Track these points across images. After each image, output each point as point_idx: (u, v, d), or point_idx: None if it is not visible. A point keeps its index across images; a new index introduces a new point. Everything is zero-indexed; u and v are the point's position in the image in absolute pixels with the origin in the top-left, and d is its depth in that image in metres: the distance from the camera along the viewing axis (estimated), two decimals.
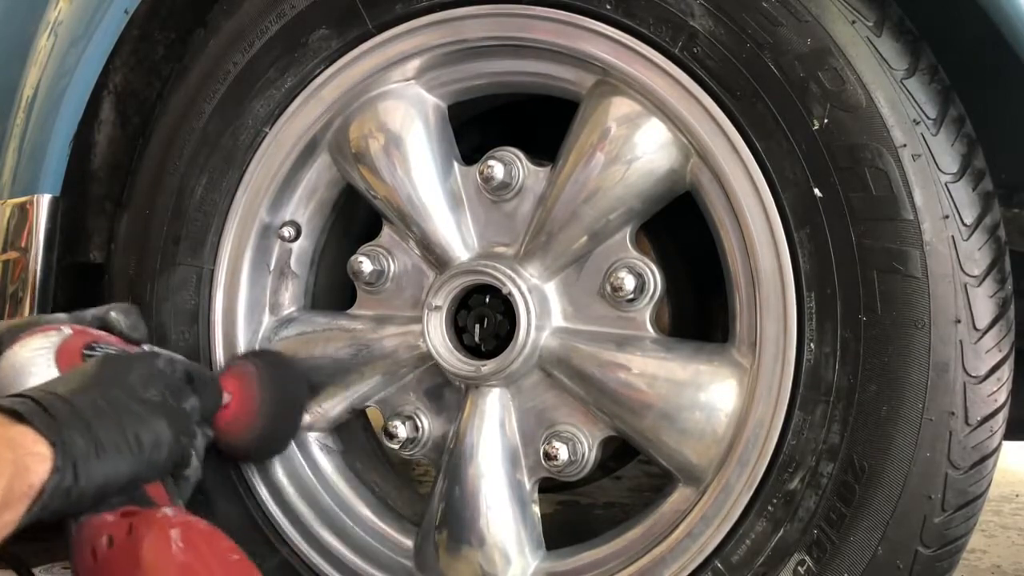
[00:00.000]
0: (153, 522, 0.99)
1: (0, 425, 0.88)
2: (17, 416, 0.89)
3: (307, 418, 1.40)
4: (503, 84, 1.32)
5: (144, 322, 1.22)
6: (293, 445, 1.40)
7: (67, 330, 1.13)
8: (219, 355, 1.40)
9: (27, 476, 0.86)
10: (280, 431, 1.30)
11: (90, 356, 1.10)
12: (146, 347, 1.22)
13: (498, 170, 1.27)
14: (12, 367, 1.08)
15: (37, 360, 1.08)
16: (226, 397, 1.23)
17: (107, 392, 0.98)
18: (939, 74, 1.08)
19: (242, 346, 1.41)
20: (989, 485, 1.08)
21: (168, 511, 1.02)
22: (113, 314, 1.20)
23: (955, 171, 1.05)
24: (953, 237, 1.03)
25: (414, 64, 1.31)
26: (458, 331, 1.31)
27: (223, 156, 1.40)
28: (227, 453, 1.31)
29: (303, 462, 1.40)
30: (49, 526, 0.99)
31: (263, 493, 1.38)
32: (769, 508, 1.10)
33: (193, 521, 1.03)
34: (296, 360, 1.38)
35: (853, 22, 1.06)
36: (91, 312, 1.21)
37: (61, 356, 1.09)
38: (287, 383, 1.30)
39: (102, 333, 1.17)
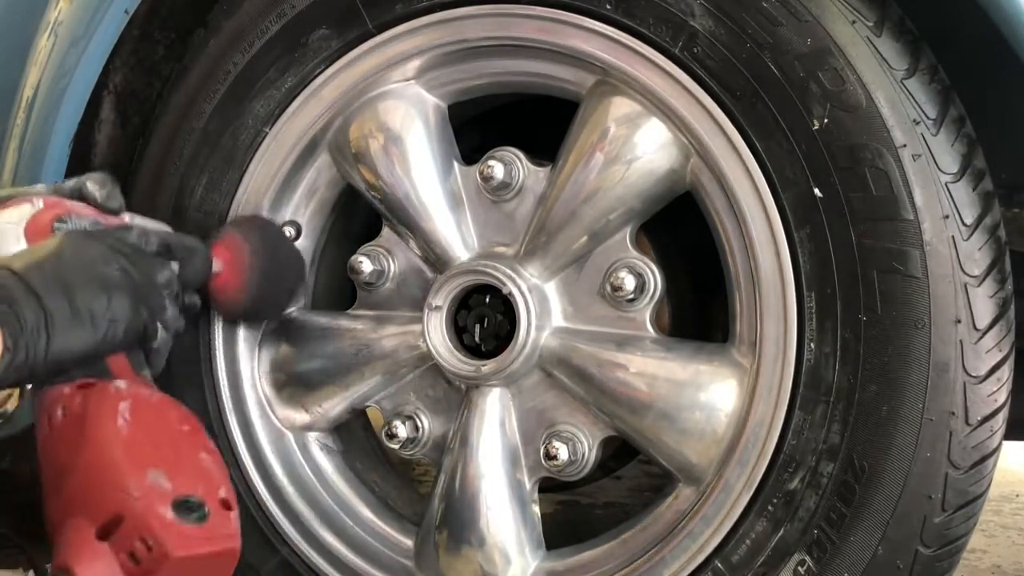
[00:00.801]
0: (104, 395, 1.00)
1: None
2: None
3: (307, 418, 1.40)
4: (503, 84, 1.32)
5: (119, 190, 1.20)
6: (294, 445, 1.40)
7: (39, 202, 1.12)
8: (220, 355, 1.40)
9: None
10: (271, 296, 1.30)
11: (59, 229, 1.10)
12: (126, 217, 1.20)
13: (498, 170, 1.27)
14: None
15: (6, 233, 1.08)
16: (217, 265, 1.23)
17: (63, 267, 0.98)
18: (939, 74, 1.08)
19: (243, 345, 1.41)
20: (989, 485, 1.08)
21: (121, 384, 1.02)
22: (89, 184, 1.18)
23: (955, 171, 1.05)
24: (953, 237, 1.03)
25: (414, 64, 1.31)
26: (458, 331, 1.31)
27: (223, 156, 1.40)
28: (222, 315, 1.34)
29: (303, 462, 1.40)
30: None
31: (263, 493, 1.38)
32: (769, 508, 1.10)
33: (145, 394, 1.03)
34: (298, 349, 1.39)
35: (853, 22, 1.06)
36: (69, 184, 1.19)
37: (30, 229, 1.09)
38: (278, 248, 1.31)
39: (76, 204, 1.15)
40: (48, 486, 1.00)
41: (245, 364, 1.42)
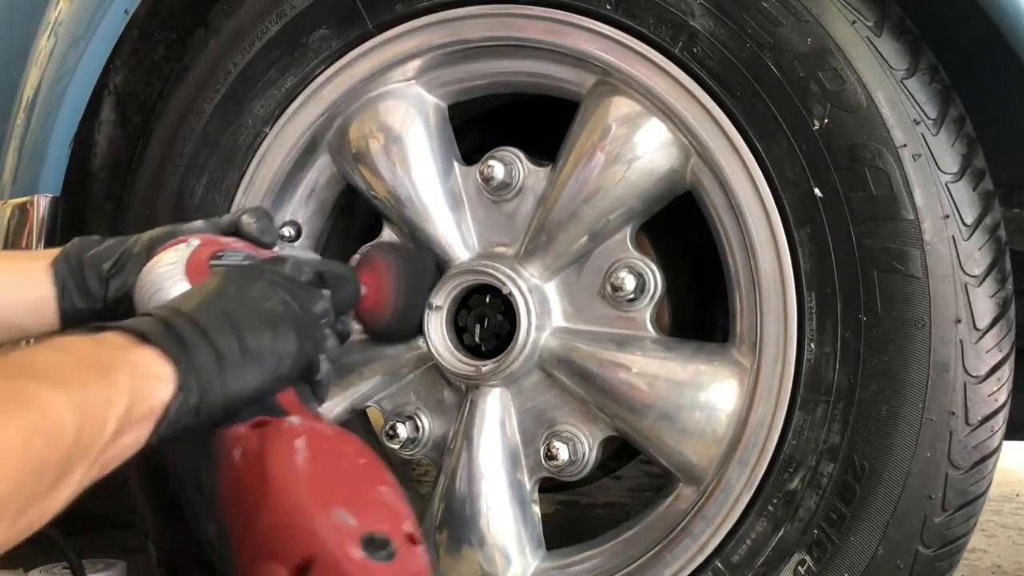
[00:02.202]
0: (279, 432, 0.97)
1: (123, 348, 0.88)
2: (141, 337, 0.90)
3: None
4: (503, 84, 1.32)
5: (273, 224, 1.22)
6: None
7: (195, 241, 1.13)
8: None
9: (149, 399, 0.86)
10: (413, 312, 1.30)
11: (216, 266, 1.11)
12: (277, 249, 1.22)
13: (498, 170, 1.27)
14: (147, 285, 1.10)
15: (168, 275, 1.10)
16: (363, 289, 1.24)
17: (229, 306, 0.98)
18: (939, 74, 1.08)
19: None
20: (989, 485, 1.08)
21: (294, 420, 0.99)
22: (244, 218, 1.20)
23: (955, 171, 1.05)
24: (953, 237, 1.03)
25: (414, 64, 1.31)
26: (458, 331, 1.31)
27: (223, 156, 1.40)
28: (370, 334, 1.33)
29: None
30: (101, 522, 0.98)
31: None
32: (769, 508, 1.10)
33: (319, 428, 1.01)
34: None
35: (853, 22, 1.06)
36: (226, 218, 1.22)
37: (190, 269, 1.10)
38: (416, 268, 1.31)
39: (230, 240, 1.17)
40: (235, 531, 0.97)
41: None
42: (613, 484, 2.60)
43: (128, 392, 0.84)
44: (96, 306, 1.16)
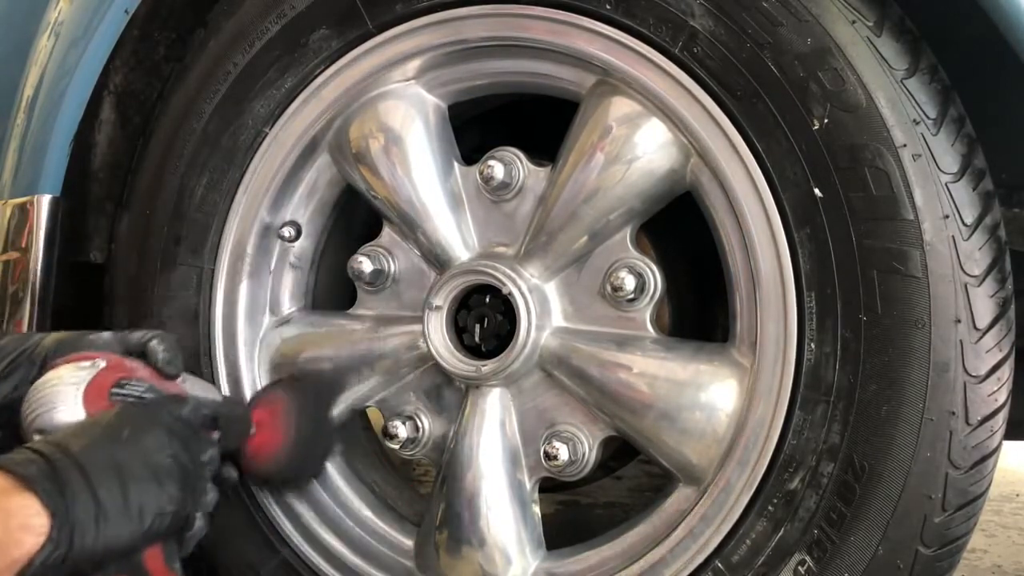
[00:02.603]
0: None
1: (4, 493, 0.87)
2: (23, 481, 0.88)
3: None
4: (503, 84, 1.32)
5: (180, 355, 1.19)
6: None
7: (101, 362, 1.11)
8: (220, 356, 1.40)
9: (13, 550, 0.85)
10: (305, 460, 1.28)
11: (117, 395, 1.09)
12: (181, 381, 1.19)
13: (498, 170, 1.27)
14: (42, 397, 1.08)
15: (65, 394, 1.07)
16: (252, 429, 1.22)
17: (119, 454, 0.96)
18: (939, 74, 1.08)
19: (243, 347, 1.41)
20: (989, 485, 1.08)
21: None
22: (153, 344, 1.17)
23: (955, 171, 1.05)
24: (953, 237, 1.03)
25: (414, 64, 1.31)
26: (458, 331, 1.31)
27: (223, 156, 1.40)
28: (253, 480, 1.29)
29: None
30: None
31: (263, 493, 1.38)
32: (769, 508, 1.10)
33: None
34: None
35: (853, 22, 1.06)
36: (135, 336, 1.19)
37: (89, 393, 1.07)
38: (316, 412, 1.28)
39: (136, 365, 1.14)
40: None
41: (245, 365, 1.41)
42: (613, 484, 2.60)
43: None
44: None
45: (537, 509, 1.31)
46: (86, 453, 0.94)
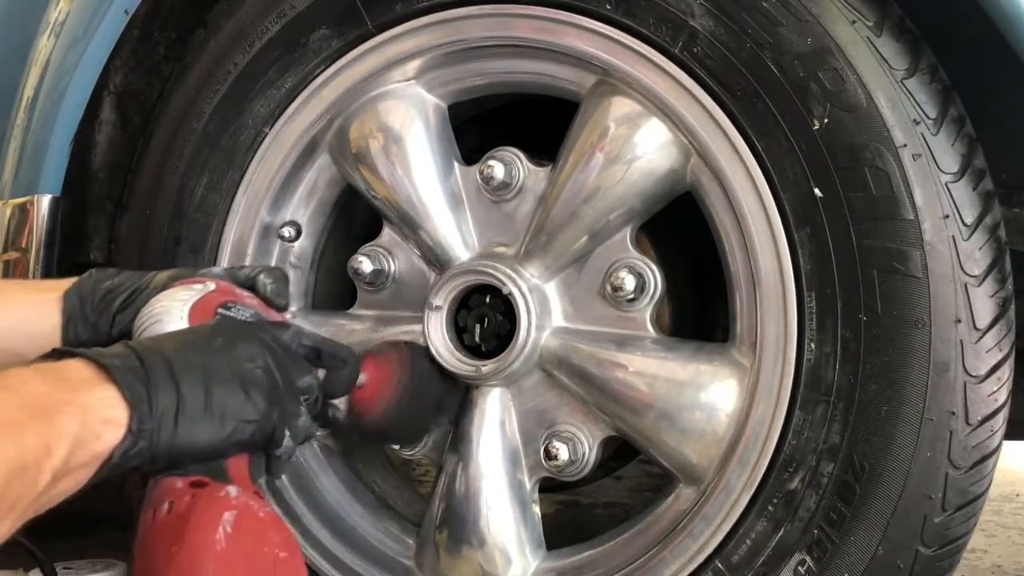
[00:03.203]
0: (212, 500, 0.95)
1: (79, 386, 0.87)
2: (105, 371, 0.88)
3: None
4: (503, 84, 1.32)
5: (288, 289, 1.19)
6: None
7: (211, 285, 1.11)
8: None
9: (93, 445, 0.85)
10: (412, 420, 1.26)
11: (221, 315, 1.08)
12: (287, 315, 1.19)
13: (498, 170, 1.27)
14: (150, 314, 1.08)
15: (172, 310, 1.08)
16: (362, 378, 1.19)
17: (208, 357, 0.96)
18: (939, 74, 1.08)
19: None
20: (989, 485, 1.08)
21: (232, 491, 0.97)
22: (262, 277, 1.17)
23: (955, 171, 1.05)
24: (953, 237, 1.03)
25: (414, 64, 1.31)
26: (458, 331, 1.31)
27: (223, 156, 1.40)
28: (358, 431, 1.27)
29: (303, 462, 1.40)
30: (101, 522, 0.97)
31: (263, 493, 1.38)
32: (769, 508, 1.10)
33: (253, 507, 0.98)
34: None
35: (853, 22, 1.06)
36: (244, 271, 1.19)
37: (195, 311, 1.08)
38: (426, 376, 1.27)
39: (245, 294, 1.14)
40: None
41: None
42: (613, 484, 2.60)
43: (71, 439, 0.82)
44: (100, 339, 1.14)
45: (537, 509, 1.31)
46: (176, 352, 0.94)
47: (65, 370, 0.88)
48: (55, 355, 0.91)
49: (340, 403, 1.18)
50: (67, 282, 1.19)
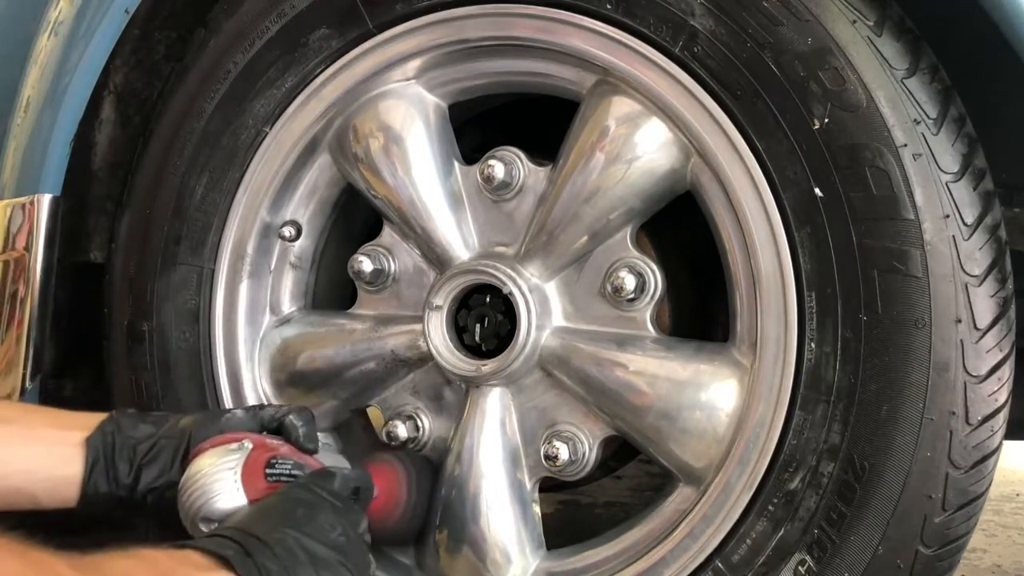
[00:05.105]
0: None
1: (203, 570, 0.89)
2: (224, 562, 0.90)
3: None
4: (504, 84, 1.32)
5: (315, 428, 1.20)
6: None
7: (248, 444, 1.12)
8: (220, 356, 1.40)
9: None
10: (417, 518, 1.29)
11: (271, 476, 1.10)
12: (320, 458, 1.20)
13: (499, 170, 1.27)
14: (201, 487, 1.09)
15: (224, 480, 1.08)
16: (375, 491, 1.23)
17: (301, 537, 0.98)
18: (940, 74, 1.08)
19: (243, 346, 1.41)
20: (990, 485, 1.08)
21: None
22: (291, 419, 1.18)
23: (956, 171, 1.05)
24: (954, 237, 1.03)
25: (415, 64, 1.31)
26: (459, 331, 1.31)
27: (223, 156, 1.40)
28: (375, 540, 1.29)
29: None
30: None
31: None
32: (770, 508, 1.10)
33: None
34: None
35: (854, 22, 1.06)
36: (268, 411, 1.20)
37: (246, 476, 1.09)
38: (421, 477, 1.29)
39: (278, 444, 1.16)
40: None
41: (245, 365, 1.42)
42: (613, 484, 2.60)
43: None
44: (119, 493, 1.14)
45: (537, 509, 1.31)
46: (272, 536, 0.96)
47: (187, 555, 0.90)
48: (174, 546, 0.92)
49: None
50: (90, 420, 1.18)
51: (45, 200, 1.44)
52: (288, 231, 1.42)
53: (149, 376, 1.43)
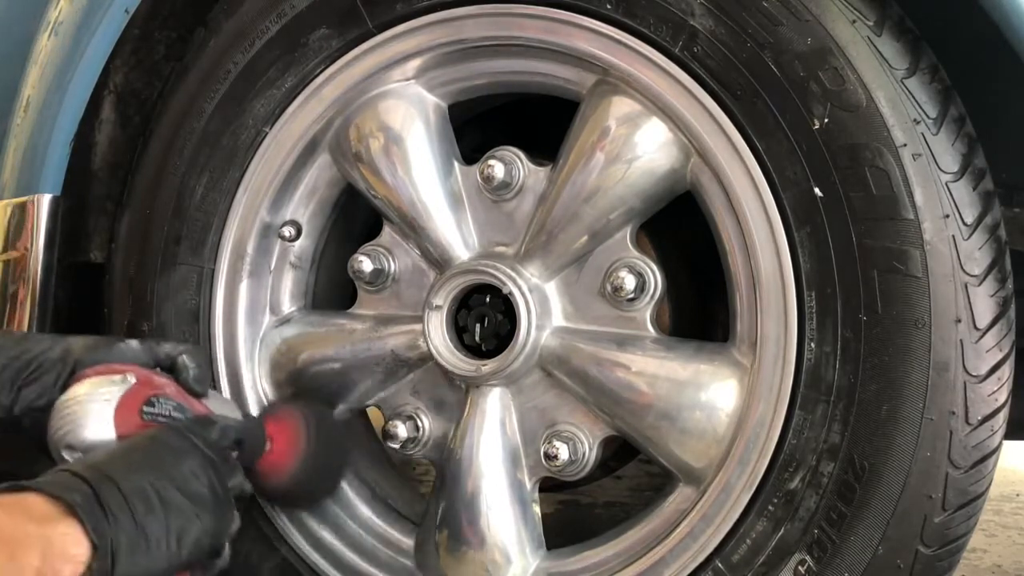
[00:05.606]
0: None
1: (42, 520, 0.86)
2: (67, 507, 0.88)
3: None
4: (503, 84, 1.32)
5: (210, 371, 1.17)
6: None
7: (131, 378, 1.09)
8: (220, 355, 1.40)
9: None
10: (320, 479, 1.26)
11: (147, 414, 1.08)
12: (207, 401, 1.18)
13: (498, 170, 1.27)
14: (72, 413, 1.06)
15: (96, 411, 1.06)
16: (267, 446, 1.20)
17: (159, 481, 0.96)
18: (939, 74, 1.08)
19: (243, 346, 1.41)
20: (990, 484, 1.08)
21: None
22: (184, 359, 1.15)
23: (955, 170, 1.05)
24: (954, 236, 1.03)
25: (414, 64, 1.31)
26: (458, 331, 1.31)
27: (223, 156, 1.40)
28: (265, 496, 1.28)
29: None
30: None
31: None
32: (769, 508, 1.10)
33: None
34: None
35: (854, 21, 1.06)
36: (165, 348, 1.17)
37: (120, 410, 1.06)
38: (330, 432, 1.26)
39: (164, 382, 1.13)
40: None
41: (245, 364, 1.42)
42: (613, 484, 2.60)
43: (35, 573, 0.82)
44: None
45: (537, 509, 1.31)
46: (129, 481, 0.93)
47: (25, 503, 0.87)
48: (12, 488, 0.90)
49: None
50: None
51: (45, 200, 1.44)
52: (288, 231, 1.42)
53: None
